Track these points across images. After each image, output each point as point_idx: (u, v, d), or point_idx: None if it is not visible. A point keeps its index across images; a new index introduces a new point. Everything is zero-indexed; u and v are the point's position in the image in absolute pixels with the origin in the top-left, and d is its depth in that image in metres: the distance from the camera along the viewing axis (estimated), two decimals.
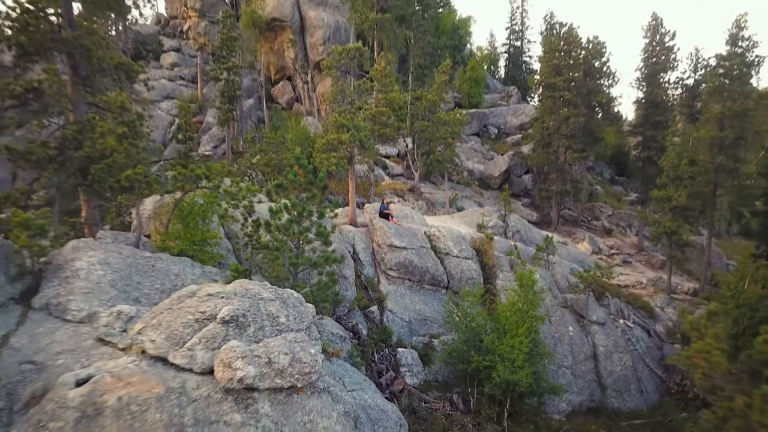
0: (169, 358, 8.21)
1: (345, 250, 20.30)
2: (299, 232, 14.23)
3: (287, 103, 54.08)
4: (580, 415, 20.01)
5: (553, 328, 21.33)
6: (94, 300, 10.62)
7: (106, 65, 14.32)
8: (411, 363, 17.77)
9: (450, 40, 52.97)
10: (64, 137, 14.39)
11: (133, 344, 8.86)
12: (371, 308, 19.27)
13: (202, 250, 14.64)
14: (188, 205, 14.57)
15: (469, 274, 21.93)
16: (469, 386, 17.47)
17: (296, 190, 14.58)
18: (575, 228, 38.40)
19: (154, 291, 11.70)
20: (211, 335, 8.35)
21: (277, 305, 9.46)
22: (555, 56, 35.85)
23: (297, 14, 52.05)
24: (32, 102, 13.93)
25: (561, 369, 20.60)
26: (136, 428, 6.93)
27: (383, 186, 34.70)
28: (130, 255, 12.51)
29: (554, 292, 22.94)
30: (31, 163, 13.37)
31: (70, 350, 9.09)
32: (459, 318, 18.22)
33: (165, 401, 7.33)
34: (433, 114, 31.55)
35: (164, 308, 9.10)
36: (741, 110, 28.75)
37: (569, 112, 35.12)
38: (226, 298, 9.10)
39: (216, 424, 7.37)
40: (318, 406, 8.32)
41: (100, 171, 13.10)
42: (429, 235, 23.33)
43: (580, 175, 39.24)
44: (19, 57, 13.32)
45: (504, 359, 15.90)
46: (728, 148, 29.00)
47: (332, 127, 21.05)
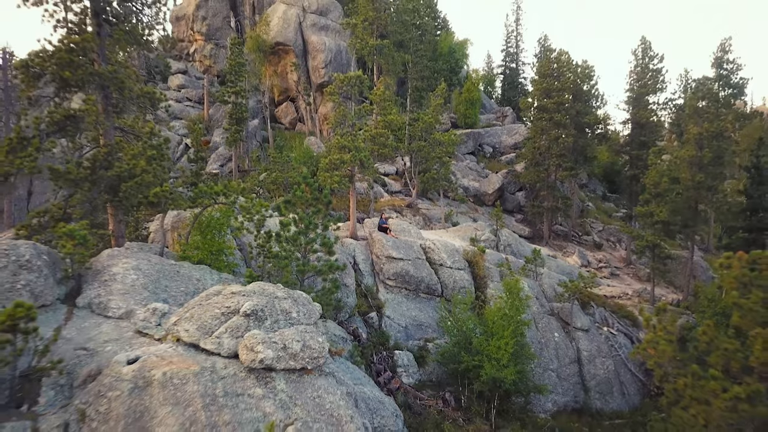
0: (200, 344, 9.81)
1: (346, 260, 21.88)
2: (306, 242, 15.89)
3: (290, 123, 56.06)
4: (564, 415, 21.43)
5: (540, 333, 22.85)
6: (131, 300, 12.24)
7: (135, 94, 16.09)
8: (407, 364, 19.28)
9: (446, 64, 55.08)
10: (95, 158, 16.12)
11: (169, 334, 10.47)
12: (370, 314, 20.82)
13: (218, 259, 16.28)
14: (207, 218, 16.25)
15: (461, 284, 23.52)
16: (460, 385, 18.94)
17: (303, 205, 16.27)
18: (566, 242, 40.01)
19: (179, 293, 13.31)
20: (235, 326, 9.95)
21: (289, 303, 11.08)
22: (545, 81, 37.79)
23: (300, 39, 54.28)
24: (70, 127, 15.68)
25: (547, 372, 22.07)
26: (178, 397, 8.51)
27: (382, 202, 36.40)
28: (158, 262, 14.15)
29: (541, 301, 24.50)
30: (69, 181, 15.06)
31: (114, 339, 10.69)
32: (451, 323, 19.76)
33: (200, 377, 8.92)
34: (429, 135, 33.38)
35: (195, 304, 10.73)
36: (718, 131, 30.54)
37: (559, 133, 36.95)
38: (247, 296, 10.72)
39: (241, 396, 8.94)
40: (325, 385, 9.88)
41: (130, 188, 14.78)
42: (424, 248, 24.95)
43: (570, 192, 40.94)
44: (60, 89, 15.08)
45: (491, 359, 17.43)
46: (707, 167, 30.73)
47: (335, 148, 22.81)
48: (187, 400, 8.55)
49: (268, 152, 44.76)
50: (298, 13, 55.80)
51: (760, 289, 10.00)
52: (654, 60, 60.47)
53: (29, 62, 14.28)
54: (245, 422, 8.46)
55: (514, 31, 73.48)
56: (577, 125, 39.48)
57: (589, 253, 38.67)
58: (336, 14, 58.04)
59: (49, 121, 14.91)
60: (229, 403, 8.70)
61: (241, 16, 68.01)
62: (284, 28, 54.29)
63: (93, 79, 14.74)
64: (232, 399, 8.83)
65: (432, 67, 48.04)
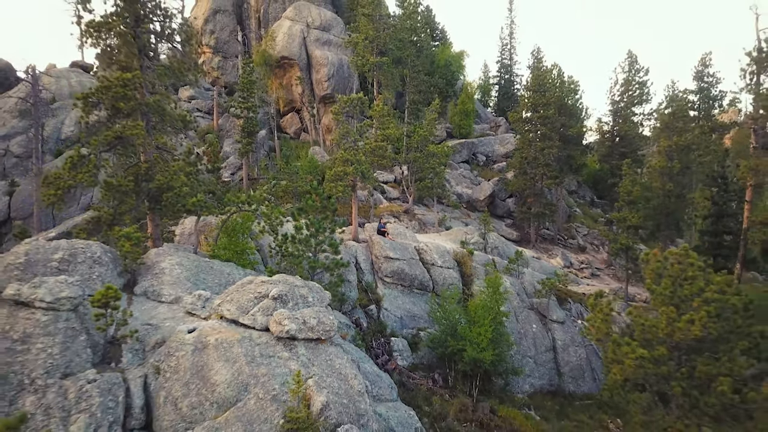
0: (239, 320, 12.75)
1: (349, 260, 24.79)
2: (316, 244, 18.88)
3: (295, 132, 59.05)
4: (539, 395, 24.32)
5: (520, 325, 25.78)
6: (178, 288, 15.20)
7: (173, 119, 19.09)
8: (402, 349, 22.20)
9: (443, 77, 58.10)
10: (137, 172, 19.12)
11: (213, 313, 13.44)
12: (370, 306, 23.74)
13: (242, 258, 19.24)
14: (232, 223, 19.22)
15: (450, 281, 26.46)
16: (447, 367, 21.86)
17: (313, 212, 19.26)
18: (552, 245, 42.93)
19: (214, 284, 16.27)
20: (266, 306, 12.90)
21: (306, 290, 14.06)
22: (532, 96, 40.77)
23: (304, 53, 57.31)
24: (119, 147, 18.68)
25: (525, 358, 24.99)
26: (227, 355, 11.45)
27: (381, 208, 39.34)
28: (195, 260, 17.12)
29: (522, 296, 27.45)
30: (120, 192, 18.03)
31: (170, 318, 13.64)
32: (440, 314, 22.67)
33: (242, 342, 11.86)
34: (424, 147, 36.36)
35: (234, 290, 13.69)
36: (686, 144, 33.54)
37: (545, 145, 39.92)
38: (273, 284, 13.68)
39: (273, 357, 11.87)
40: (334, 352, 12.82)
41: (171, 198, 17.77)
42: (418, 249, 27.89)
43: (557, 199, 43.89)
44: (112, 116, 18.07)
45: (473, 343, 20.36)
46: (676, 176, 33.70)
47: (339, 161, 25.76)
48: (234, 358, 11.49)
49: (275, 161, 47.78)
50: (302, 28, 58.86)
51: (668, 278, 12.86)
52: (640, 73, 63.68)
53: (89, 95, 17.26)
54: (277, 375, 11.38)
55: (508, 44, 76.59)
56: (562, 137, 42.43)
57: (573, 255, 41.62)
58: (338, 29, 61.14)
59: (102, 141, 17.87)
60: (264, 361, 11.63)
61: (248, 30, 71.21)
62: (289, 43, 57.31)
63: (141, 108, 17.73)
64: (266, 359, 11.77)
65: (428, 81, 51.05)
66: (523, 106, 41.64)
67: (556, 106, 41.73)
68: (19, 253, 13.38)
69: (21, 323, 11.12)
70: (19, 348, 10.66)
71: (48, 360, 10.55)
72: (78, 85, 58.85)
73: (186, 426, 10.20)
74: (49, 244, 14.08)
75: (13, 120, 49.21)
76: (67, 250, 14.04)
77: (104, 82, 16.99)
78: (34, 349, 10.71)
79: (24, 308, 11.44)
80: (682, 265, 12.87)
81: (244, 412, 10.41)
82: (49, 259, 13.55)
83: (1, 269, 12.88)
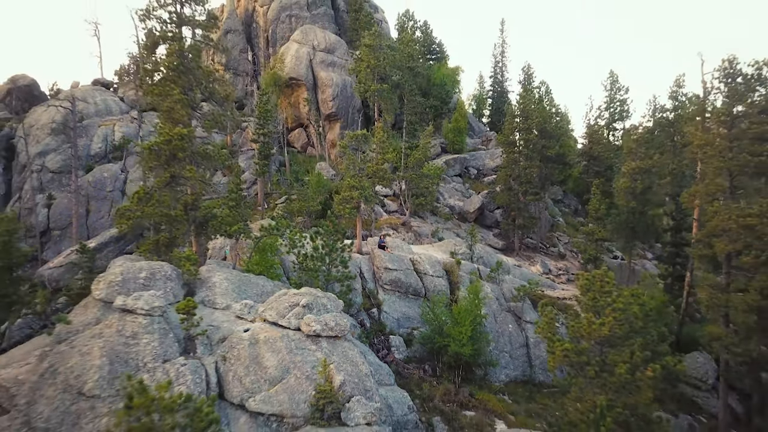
0: (278, 323, 17.41)
1: (355, 271, 29.48)
2: (329, 260, 23.56)
3: (302, 146, 63.67)
4: (513, 384, 28.94)
5: (498, 325, 30.43)
6: (227, 298, 19.86)
7: (215, 161, 23.75)
8: (398, 345, 26.88)
9: (437, 98, 62.80)
10: (185, 203, 23.76)
11: (257, 317, 18.12)
12: (372, 309, 28.40)
13: (270, 272, 23.90)
14: (262, 244, 23.89)
15: (439, 288, 31.11)
16: (435, 360, 26.52)
17: (327, 235, 23.94)
18: (534, 253, 47.55)
19: (254, 294, 20.92)
20: (297, 312, 17.56)
21: (325, 300, 18.73)
22: (514, 122, 45.35)
23: (311, 74, 61.91)
24: (173, 184, 23.32)
25: (502, 353, 29.62)
26: (273, 347, 16.11)
27: (381, 221, 43.98)
28: (237, 275, 21.80)
29: (500, 301, 32.10)
30: (173, 220, 22.68)
31: (226, 320, 18.29)
32: (430, 316, 27.34)
33: (282, 338, 16.51)
34: (419, 168, 40.99)
35: (273, 300, 18.38)
36: (647, 167, 38.18)
37: (527, 164, 44.52)
38: (302, 296, 18.34)
39: (304, 349, 16.51)
40: (348, 345, 17.48)
41: (217, 225, 22.45)
42: (413, 261, 32.53)
43: (538, 212, 48.49)
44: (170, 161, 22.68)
45: (455, 339, 25.03)
46: (639, 195, 38.32)
47: (346, 187, 30.39)
48: (278, 349, 16.15)
49: (285, 176, 52.42)
50: (308, 51, 63.47)
51: (592, 292, 17.44)
52: (621, 91, 68.52)
53: (153, 146, 21.91)
54: (308, 361, 16.02)
55: (500, 62, 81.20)
56: (543, 157, 47.04)
57: (552, 262, 46.23)
58: (341, 51, 65.77)
59: (161, 181, 22.51)
60: (299, 352, 16.29)
61: (257, 48, 75.75)
62: (297, 65, 61.89)
63: (194, 158, 22.39)
64: (300, 350, 16.42)
65: (423, 103, 55.68)
66: (509, 130, 46.20)
67: (539, 130, 46.35)
68: (117, 273, 18.03)
69: (129, 325, 15.78)
70: (131, 342, 15.32)
71: (152, 350, 15.20)
72: (102, 103, 63.64)
73: (249, 395, 14.84)
74: (135, 266, 18.73)
75: (46, 137, 53.71)
76: (148, 270, 18.69)
77: (165, 136, 21.60)
78: (141, 343, 15.36)
79: (129, 314, 16.09)
80: (602, 282, 17.52)
81: (287, 387, 15.09)
82: (137, 277, 18.20)
83: (106, 285, 17.54)
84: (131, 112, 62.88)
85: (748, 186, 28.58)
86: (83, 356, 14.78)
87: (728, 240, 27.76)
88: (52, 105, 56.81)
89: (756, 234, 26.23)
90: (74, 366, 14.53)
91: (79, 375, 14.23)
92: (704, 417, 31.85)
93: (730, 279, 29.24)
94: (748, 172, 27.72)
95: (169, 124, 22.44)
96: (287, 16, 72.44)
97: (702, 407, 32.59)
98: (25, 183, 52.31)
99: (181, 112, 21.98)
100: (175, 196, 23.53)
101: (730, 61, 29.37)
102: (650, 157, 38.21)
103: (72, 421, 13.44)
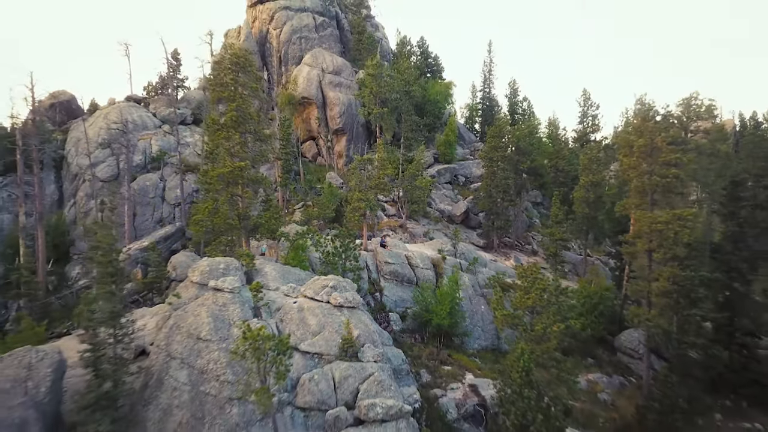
0: (315, 298, 25.76)
1: (363, 264, 37.83)
2: (345, 257, 31.91)
3: (312, 156, 71.87)
4: (484, 351, 37.26)
5: (472, 306, 38.76)
6: (276, 282, 28.19)
7: (260, 182, 32.06)
8: (395, 320, 35.23)
9: (430, 115, 71.11)
10: (239, 215, 32.04)
11: (299, 295, 26.51)
12: (376, 293, 36.69)
13: (302, 265, 32.26)
14: (297, 244, 32.20)
15: (428, 277, 39.42)
16: (423, 331, 34.90)
17: (344, 237, 32.29)
18: (510, 250, 55.82)
19: (293, 279, 29.23)
20: (327, 291, 25.93)
21: (345, 283, 27.12)
22: (492, 141, 53.53)
23: (320, 94, 70.07)
24: (232, 200, 31.62)
25: (476, 327, 37.97)
26: (314, 313, 24.48)
27: (382, 223, 52.23)
28: (280, 266, 30.13)
29: (476, 288, 40.42)
30: (234, 228, 30.98)
31: (278, 297, 26.61)
32: (420, 298, 35.66)
33: (319, 307, 24.87)
34: (413, 181, 49.40)
35: (310, 284, 26.75)
36: (598, 180, 46.52)
37: (503, 176, 52.77)
38: (329, 280, 26.70)
39: (333, 314, 24.83)
40: (361, 313, 25.87)
41: (263, 230, 30.79)
42: (407, 257, 40.83)
43: (514, 216, 56.80)
44: (229, 185, 30.95)
45: (438, 315, 33.38)
46: (591, 204, 46.64)
47: (355, 200, 38.71)
48: (316, 314, 24.51)
49: (300, 183, 60.70)
50: (318, 73, 71.63)
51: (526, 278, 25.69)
52: (593, 107, 76.79)
53: (220, 174, 30.16)
54: (336, 322, 24.33)
55: (488, 79, 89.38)
56: (517, 170, 55.29)
57: (525, 257, 54.46)
58: (347, 72, 73.88)
59: (224, 199, 30.79)
60: (330, 316, 24.63)
61: (270, 66, 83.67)
62: (308, 86, 70.05)
63: (247, 183, 30.70)
64: (330, 315, 24.76)
65: (418, 121, 64.04)
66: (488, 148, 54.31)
67: (514, 147, 54.65)
68: (204, 265, 26.33)
69: (220, 298, 24.10)
70: (223, 309, 23.62)
71: (237, 314, 23.49)
72: (139, 119, 71.55)
73: (300, 341, 23.11)
74: (215, 260, 27.04)
75: (95, 150, 61.90)
76: (224, 263, 26.98)
77: (229, 168, 29.87)
78: (230, 309, 23.67)
79: (219, 291, 24.39)
80: (532, 270, 25.89)
81: (324, 337, 23.46)
82: (217, 268, 26.50)
83: (199, 273, 25.84)
84: (163, 127, 70.87)
85: (661, 200, 36.84)
86: (195, 317, 23.13)
87: (646, 241, 36.16)
88: (99, 121, 65.04)
89: (664, 236, 34.59)
90: (191, 323, 22.89)
91: (196, 327, 22.59)
92: (634, 378, 40.23)
93: (651, 271, 37.58)
94: (660, 190, 36.07)
95: (229, 158, 30.73)
96: (298, 38, 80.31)
97: (633, 371, 40.94)
98: (78, 190, 60.62)
99: (240, 152, 30.25)
100: (233, 210, 31.82)
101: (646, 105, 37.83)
102: (600, 172, 46.55)
103: (195, 353, 21.79)
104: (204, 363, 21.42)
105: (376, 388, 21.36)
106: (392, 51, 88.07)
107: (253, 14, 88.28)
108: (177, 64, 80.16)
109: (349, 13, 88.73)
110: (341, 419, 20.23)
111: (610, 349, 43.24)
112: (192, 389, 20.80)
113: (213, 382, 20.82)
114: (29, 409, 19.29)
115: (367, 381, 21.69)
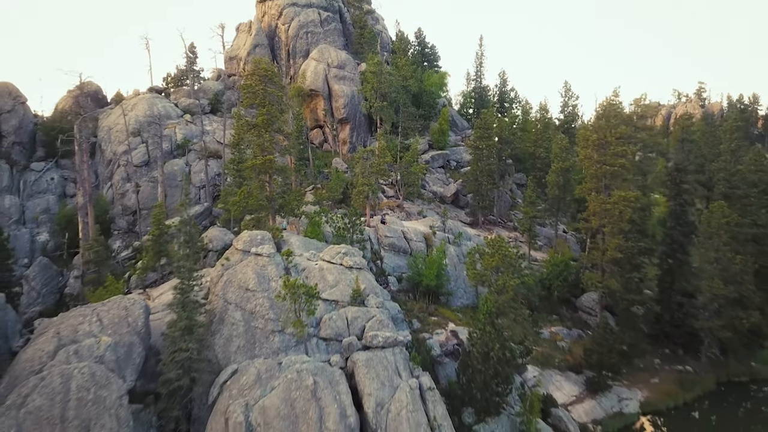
0: (332, 261, 33.38)
1: (366, 237, 45.40)
2: (352, 230, 39.51)
3: (319, 143, 78.88)
4: (465, 308, 45.03)
5: (456, 271, 46.39)
6: (300, 250, 35.71)
7: (284, 170, 39.47)
8: (393, 282, 42.93)
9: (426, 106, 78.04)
10: (268, 197, 39.46)
11: (319, 260, 34.15)
12: (377, 261, 44.34)
13: (318, 237, 39.84)
14: (314, 220, 39.69)
15: (420, 249, 46.99)
16: (416, 291, 42.64)
17: (351, 215, 39.85)
18: (493, 226, 63.32)
19: (313, 248, 36.72)
20: (340, 256, 33.55)
21: (354, 250, 34.77)
22: (478, 132, 60.66)
23: (326, 87, 76.78)
24: (262, 186, 39.08)
25: (459, 289, 45.67)
26: (331, 271, 32.12)
27: (382, 203, 59.60)
28: (301, 238, 37.68)
29: (460, 257, 48.02)
30: (263, 207, 38.44)
31: (302, 261, 34.17)
32: (413, 265, 43.33)
33: (335, 268, 32.51)
34: (409, 167, 56.80)
35: (327, 251, 34.37)
36: (567, 167, 53.86)
37: (487, 162, 60.05)
38: (342, 248, 34.31)
39: (345, 273, 32.45)
40: (366, 272, 33.53)
41: (288, 210, 38.34)
42: (403, 232, 48.37)
43: (497, 197, 64.28)
44: (262, 172, 38.35)
45: (427, 278, 41.07)
46: (562, 187, 54.05)
47: (359, 184, 46.09)
48: (334, 273, 32.14)
49: (310, 169, 67.96)
50: (324, 67, 78.23)
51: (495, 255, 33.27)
52: (573, 98, 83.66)
53: (254, 166, 37.49)
54: (348, 278, 31.93)
55: (479, 71, 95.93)
56: (499, 157, 62.59)
57: (506, 233, 61.93)
58: (351, 66, 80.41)
59: (257, 186, 38.19)
60: (343, 273, 32.26)
61: (279, 59, 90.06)
62: (315, 79, 76.77)
63: (274, 171, 38.05)
64: (343, 273, 32.42)
65: (415, 113, 71.14)
66: (475, 137, 61.50)
67: (498, 137, 61.96)
68: (246, 236, 33.90)
69: (260, 261, 31.67)
70: (263, 268, 31.13)
71: (274, 272, 31.01)
72: (163, 109, 78.32)
73: (321, 291, 30.78)
74: (254, 233, 34.56)
75: (127, 138, 69.03)
76: (260, 235, 34.38)
77: (261, 160, 37.17)
78: (268, 269, 31.23)
79: (259, 256, 31.96)
80: (499, 243, 33.47)
81: (339, 289, 31.15)
82: (255, 239, 33.96)
83: (242, 241, 33.38)
84: (185, 116, 77.74)
85: (612, 185, 44.30)
86: (243, 273, 30.74)
87: (598, 218, 43.76)
88: (129, 111, 72.11)
89: (611, 215, 42.17)
90: (240, 278, 30.51)
91: (245, 281, 30.21)
92: (590, 331, 48.12)
93: (603, 242, 45.22)
94: (609, 176, 43.51)
95: (260, 152, 38.04)
96: (305, 32, 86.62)
97: (591, 326, 48.83)
98: (114, 174, 67.96)
99: (269, 147, 37.55)
100: (263, 193, 39.21)
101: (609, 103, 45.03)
102: (568, 159, 53.91)
103: (245, 300, 29.44)
104: (252, 306, 29.08)
105: (378, 325, 29.03)
106: (392, 41, 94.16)
107: (262, 9, 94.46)
108: (194, 57, 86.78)
109: (351, 8, 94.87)
110: (353, 345, 27.93)
111: (573, 308, 51.10)
112: (245, 324, 28.51)
113: (260, 320, 28.52)
114: (134, 336, 27.05)
115: (371, 320, 29.37)
